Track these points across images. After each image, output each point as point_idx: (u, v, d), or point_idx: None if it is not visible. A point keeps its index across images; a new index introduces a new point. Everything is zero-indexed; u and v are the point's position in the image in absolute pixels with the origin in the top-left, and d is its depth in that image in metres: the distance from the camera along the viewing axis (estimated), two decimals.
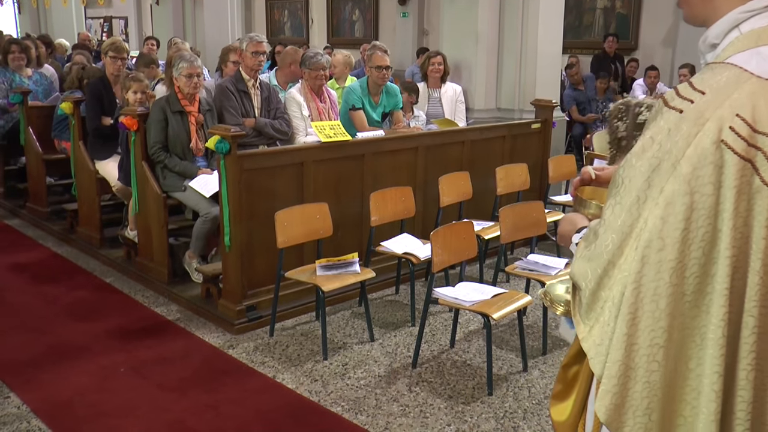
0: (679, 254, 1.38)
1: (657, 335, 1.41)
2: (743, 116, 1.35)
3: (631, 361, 1.43)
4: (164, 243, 5.00)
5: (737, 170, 1.35)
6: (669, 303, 1.40)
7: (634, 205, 1.43)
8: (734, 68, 1.40)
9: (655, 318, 1.41)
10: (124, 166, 5.33)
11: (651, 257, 1.40)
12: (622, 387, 1.44)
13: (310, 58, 5.47)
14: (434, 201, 5.21)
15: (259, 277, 4.49)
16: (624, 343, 1.43)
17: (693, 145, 1.37)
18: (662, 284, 1.40)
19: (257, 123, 5.27)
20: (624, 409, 1.45)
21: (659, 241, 1.39)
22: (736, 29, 1.46)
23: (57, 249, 5.98)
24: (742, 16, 1.45)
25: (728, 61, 1.42)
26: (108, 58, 5.91)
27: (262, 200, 4.40)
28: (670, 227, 1.38)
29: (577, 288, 1.56)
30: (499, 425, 3.40)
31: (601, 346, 1.48)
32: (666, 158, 1.39)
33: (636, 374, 1.44)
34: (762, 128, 1.35)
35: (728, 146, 1.35)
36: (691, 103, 1.40)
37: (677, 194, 1.37)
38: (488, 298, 3.78)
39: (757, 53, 1.40)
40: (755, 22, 1.44)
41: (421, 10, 12.82)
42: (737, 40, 1.44)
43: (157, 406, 3.50)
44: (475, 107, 7.28)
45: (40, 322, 4.49)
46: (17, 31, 16.56)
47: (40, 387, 3.66)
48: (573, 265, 1.57)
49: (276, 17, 16.31)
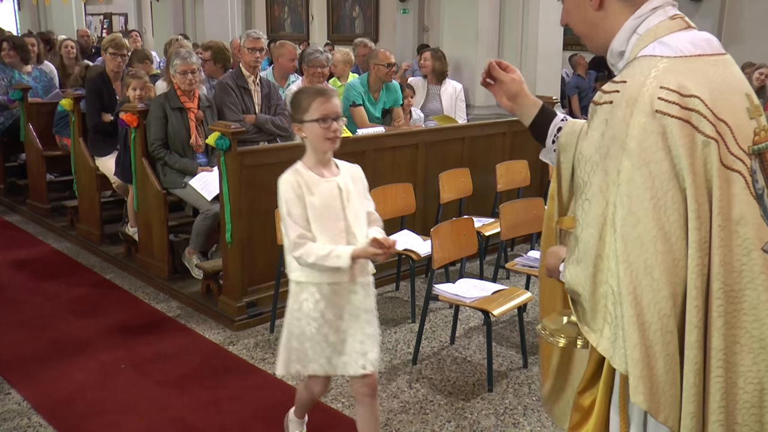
0: (657, 222, 1.43)
1: (662, 305, 1.43)
2: (668, 86, 1.46)
3: (647, 340, 1.44)
4: (164, 239, 5.00)
5: (679, 130, 1.44)
6: (663, 270, 1.43)
7: (598, 194, 1.49)
8: (645, 58, 1.54)
9: (655, 289, 1.43)
10: (122, 162, 5.33)
11: (630, 234, 1.44)
12: (649, 369, 1.44)
13: (310, 55, 5.47)
14: (434, 197, 5.21)
15: (260, 274, 4.49)
16: (636, 325, 1.44)
17: (632, 125, 1.46)
18: (650, 255, 1.43)
19: (257, 119, 5.27)
20: (656, 388, 1.45)
21: (632, 216, 1.44)
22: (634, 34, 1.61)
23: (57, 245, 5.98)
24: (636, 21, 1.61)
25: (638, 56, 1.57)
26: (108, 55, 5.90)
27: (262, 197, 4.39)
28: (637, 200, 1.44)
29: (576, 296, 1.56)
30: (500, 422, 3.40)
31: (617, 341, 1.48)
32: (612, 144, 1.48)
33: (655, 351, 1.44)
34: (688, 92, 1.46)
35: (664, 113, 1.44)
36: (618, 93, 1.51)
37: (634, 168, 1.44)
38: (488, 294, 3.79)
39: (659, 43, 1.55)
40: (648, 23, 1.60)
41: (422, 6, 12.80)
42: (639, 41, 1.59)
43: (157, 403, 3.51)
44: (476, 104, 7.28)
45: (40, 318, 4.49)
46: (17, 27, 16.55)
47: (41, 383, 3.67)
48: (564, 273, 1.59)
49: (276, 14, 16.29)
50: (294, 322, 2.68)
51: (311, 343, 2.66)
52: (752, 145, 1.50)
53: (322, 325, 2.64)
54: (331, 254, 2.55)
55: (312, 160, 2.68)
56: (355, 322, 2.69)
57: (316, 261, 2.56)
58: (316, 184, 2.64)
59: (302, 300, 2.66)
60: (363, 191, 2.78)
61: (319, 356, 2.67)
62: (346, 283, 2.66)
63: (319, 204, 2.61)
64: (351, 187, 2.71)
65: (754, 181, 1.49)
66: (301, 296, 2.67)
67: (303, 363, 2.70)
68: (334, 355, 2.68)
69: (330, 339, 2.66)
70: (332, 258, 2.55)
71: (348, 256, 2.55)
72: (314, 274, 2.62)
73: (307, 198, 2.61)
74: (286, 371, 2.74)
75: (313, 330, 2.64)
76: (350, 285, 2.68)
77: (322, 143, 2.62)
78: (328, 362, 2.68)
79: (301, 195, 2.61)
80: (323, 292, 2.64)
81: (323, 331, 2.65)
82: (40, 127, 6.62)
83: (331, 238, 2.61)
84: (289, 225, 2.60)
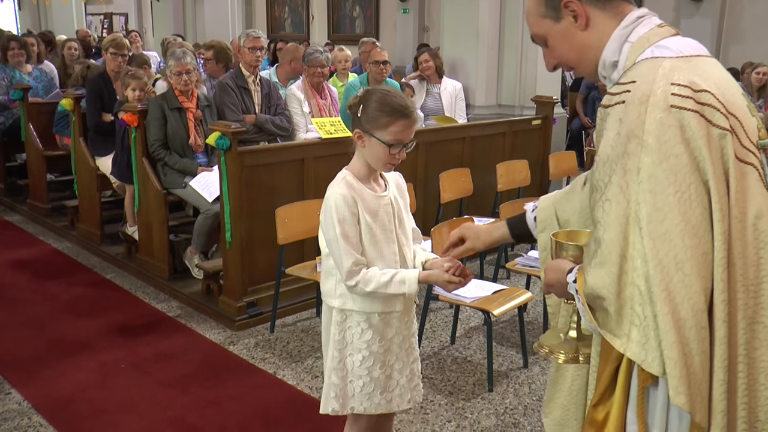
0: (682, 216, 1.41)
1: (695, 301, 1.41)
2: (678, 82, 1.45)
3: (684, 338, 1.41)
4: (165, 239, 5.00)
5: (697, 122, 1.43)
6: (694, 265, 1.41)
7: (619, 194, 1.46)
8: (646, 60, 1.53)
9: (687, 285, 1.41)
10: (118, 162, 5.33)
11: (657, 230, 1.42)
12: (688, 368, 1.41)
13: (310, 55, 5.47)
14: (435, 197, 5.21)
15: (260, 274, 4.49)
16: (672, 323, 1.41)
17: (648, 121, 1.44)
18: (679, 250, 1.41)
19: (258, 119, 5.27)
20: (693, 388, 1.43)
21: (658, 213, 1.42)
22: (626, 42, 1.60)
23: (57, 245, 5.98)
24: (624, 31, 1.61)
25: (637, 61, 1.56)
26: (108, 55, 5.90)
27: (262, 197, 4.40)
28: (661, 196, 1.42)
29: (599, 301, 1.52)
30: (500, 421, 3.40)
31: (648, 343, 1.44)
32: (629, 141, 1.46)
33: (691, 348, 1.42)
34: (699, 87, 1.45)
35: (680, 107, 1.43)
36: (629, 93, 1.49)
37: (655, 164, 1.42)
38: (489, 294, 3.78)
39: (656, 47, 1.55)
40: (638, 31, 1.60)
41: (422, 6, 12.80)
42: (633, 48, 1.59)
43: (157, 403, 3.51)
44: (476, 103, 7.28)
45: (40, 318, 4.49)
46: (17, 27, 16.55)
47: (41, 383, 3.67)
48: (587, 278, 1.54)
49: (276, 14, 16.28)
50: (335, 354, 2.36)
51: (353, 378, 2.36)
52: (759, 140, 1.52)
53: (367, 358, 2.34)
54: (394, 280, 2.23)
55: (363, 170, 2.32)
56: (403, 355, 2.42)
57: (376, 289, 2.23)
58: (370, 200, 2.29)
59: (345, 329, 2.35)
60: (407, 204, 2.46)
61: (361, 394, 2.37)
62: (398, 313, 2.37)
63: (374, 224, 2.28)
64: (400, 201, 2.40)
65: (765, 174, 1.50)
66: (345, 325, 2.35)
67: (342, 400, 2.39)
68: (376, 393, 2.38)
69: (374, 374, 2.36)
70: (395, 284, 2.23)
71: (415, 282, 2.23)
72: (365, 302, 2.30)
73: (362, 217, 2.26)
74: (326, 409, 2.42)
75: (356, 363, 2.34)
76: (403, 315, 2.39)
77: (378, 165, 2.30)
78: (369, 399, 2.38)
79: (356, 213, 2.24)
80: (372, 323, 2.33)
81: (367, 364, 2.34)
82: (41, 127, 6.63)
83: (386, 264, 2.29)
84: (342, 250, 2.21)
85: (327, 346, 2.42)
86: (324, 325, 2.44)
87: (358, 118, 2.26)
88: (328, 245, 2.29)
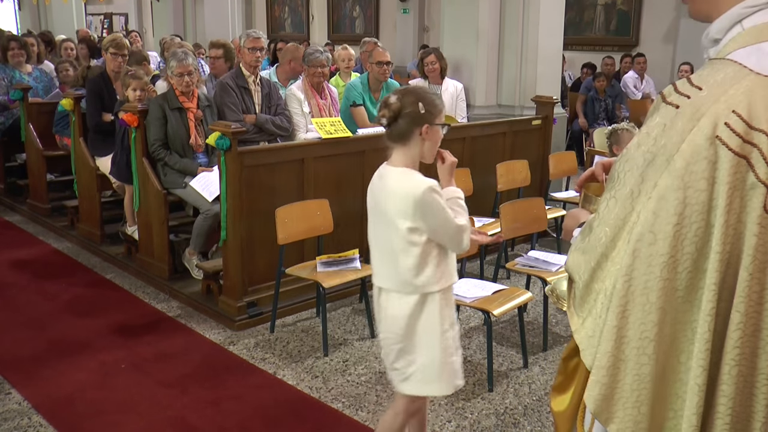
0: (671, 249, 1.38)
1: (647, 328, 1.42)
2: (739, 112, 1.34)
3: (621, 354, 1.44)
4: (165, 239, 5.00)
5: (731, 166, 1.34)
6: (659, 297, 1.40)
7: (628, 199, 1.44)
8: (734, 65, 1.39)
9: (645, 311, 1.41)
10: (117, 162, 5.33)
11: (642, 251, 1.40)
12: (611, 378, 1.45)
13: (310, 55, 5.47)
14: None
15: (260, 274, 4.49)
16: (614, 335, 1.44)
17: (687, 141, 1.37)
18: (653, 278, 1.40)
19: (258, 119, 5.27)
20: (613, 400, 1.47)
21: (651, 235, 1.40)
22: (738, 25, 1.44)
23: (57, 245, 5.98)
24: (745, 11, 1.43)
25: (729, 57, 1.41)
26: (108, 55, 5.90)
27: (262, 197, 4.40)
28: (662, 222, 1.38)
29: (572, 280, 1.58)
30: (500, 421, 3.40)
31: (593, 338, 1.49)
32: (660, 153, 1.40)
33: (626, 366, 1.44)
34: (758, 125, 1.34)
35: (723, 142, 1.34)
36: (688, 99, 1.40)
37: (670, 189, 1.37)
38: (489, 294, 3.78)
39: (758, 49, 1.39)
40: (758, 17, 1.42)
41: (422, 6, 12.81)
42: (739, 36, 1.43)
43: (157, 403, 3.51)
44: (476, 104, 7.27)
45: (40, 318, 4.49)
46: (17, 27, 16.55)
47: (41, 383, 3.67)
48: (568, 257, 1.59)
49: (276, 14, 16.30)
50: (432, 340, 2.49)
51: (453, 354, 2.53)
52: None
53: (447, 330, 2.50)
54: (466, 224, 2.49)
55: (412, 165, 2.51)
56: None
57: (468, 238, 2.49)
58: None
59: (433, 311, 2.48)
60: None
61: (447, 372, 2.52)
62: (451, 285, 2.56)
63: None
64: None
65: None
66: (430, 307, 2.48)
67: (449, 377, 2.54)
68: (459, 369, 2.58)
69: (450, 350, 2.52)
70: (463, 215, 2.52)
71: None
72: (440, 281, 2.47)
73: None
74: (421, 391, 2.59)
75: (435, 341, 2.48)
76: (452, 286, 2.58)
77: (433, 152, 2.52)
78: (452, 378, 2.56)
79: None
80: (446, 297, 2.52)
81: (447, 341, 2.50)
82: (41, 127, 6.63)
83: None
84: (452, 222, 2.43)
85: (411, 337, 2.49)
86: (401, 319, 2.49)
87: (421, 114, 2.43)
88: (440, 228, 2.44)
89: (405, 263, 2.44)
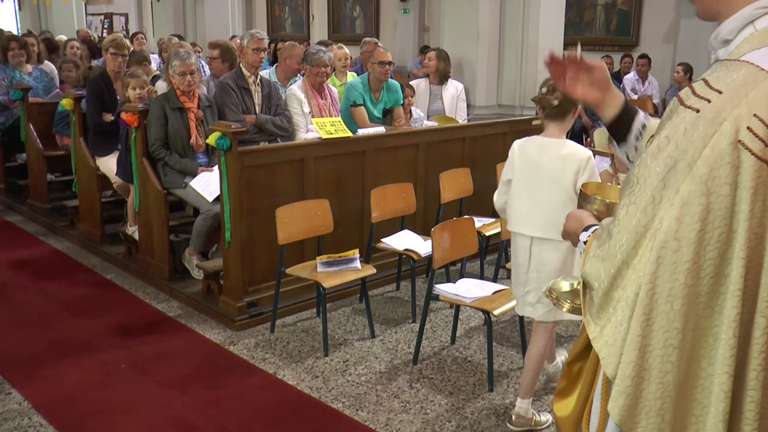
0: (695, 255, 1.37)
1: (671, 336, 1.40)
2: (761, 116, 1.33)
3: (645, 363, 1.42)
4: (165, 239, 5.00)
5: (754, 171, 1.33)
6: (684, 304, 1.38)
7: (650, 205, 1.41)
8: (750, 66, 1.37)
9: (670, 319, 1.39)
10: (123, 162, 5.33)
11: (666, 258, 1.38)
12: (635, 388, 1.43)
13: (312, 55, 5.46)
14: (435, 197, 5.21)
15: (260, 274, 4.49)
16: (638, 344, 1.42)
17: (710, 146, 1.35)
18: (677, 285, 1.38)
19: (258, 119, 5.27)
20: (637, 410, 1.44)
21: (675, 242, 1.38)
22: (750, 26, 1.43)
23: (58, 245, 5.98)
24: (758, 12, 1.42)
25: (743, 58, 1.40)
26: (109, 55, 5.90)
27: (262, 197, 4.40)
28: (686, 228, 1.36)
29: (588, 287, 1.55)
30: (500, 421, 3.40)
31: (614, 347, 1.46)
32: (682, 158, 1.37)
33: (650, 375, 1.42)
34: None
35: (745, 147, 1.33)
36: (708, 102, 1.37)
37: (693, 195, 1.36)
38: (489, 294, 3.78)
39: None
40: None
41: (422, 6, 12.80)
42: (752, 37, 1.42)
43: (157, 403, 3.51)
44: (476, 103, 7.28)
45: (41, 318, 4.49)
46: (17, 27, 16.55)
47: (42, 383, 3.67)
48: (585, 264, 1.56)
49: (276, 13, 16.28)
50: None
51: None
52: None
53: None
54: None
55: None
56: None
57: None
58: None
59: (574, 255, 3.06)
60: None
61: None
62: None
63: None
64: None
65: None
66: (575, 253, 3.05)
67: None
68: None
69: None
70: None
71: None
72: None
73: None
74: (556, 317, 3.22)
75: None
76: None
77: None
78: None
79: None
80: None
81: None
82: (41, 127, 6.62)
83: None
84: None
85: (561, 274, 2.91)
86: (556, 261, 3.11)
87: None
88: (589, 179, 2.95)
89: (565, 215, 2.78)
